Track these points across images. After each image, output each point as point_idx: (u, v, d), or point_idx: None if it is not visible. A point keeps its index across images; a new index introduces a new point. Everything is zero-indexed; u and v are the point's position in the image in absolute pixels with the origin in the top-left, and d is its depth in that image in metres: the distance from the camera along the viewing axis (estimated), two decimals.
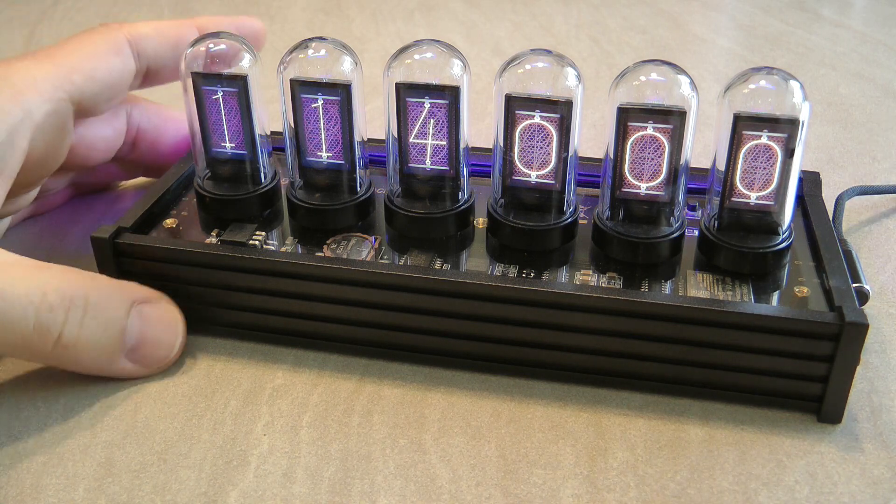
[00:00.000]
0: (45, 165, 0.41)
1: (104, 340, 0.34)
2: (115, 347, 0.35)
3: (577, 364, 0.35)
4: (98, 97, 0.41)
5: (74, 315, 0.33)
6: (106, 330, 0.34)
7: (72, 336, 0.33)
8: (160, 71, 0.44)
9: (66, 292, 0.33)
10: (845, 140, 0.57)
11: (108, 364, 0.35)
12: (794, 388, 0.33)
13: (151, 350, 0.36)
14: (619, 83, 0.36)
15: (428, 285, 0.35)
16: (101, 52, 0.41)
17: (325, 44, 0.38)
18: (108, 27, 0.42)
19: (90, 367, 0.35)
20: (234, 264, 0.36)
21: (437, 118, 0.37)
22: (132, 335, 0.35)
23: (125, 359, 0.35)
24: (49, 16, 0.84)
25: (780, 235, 0.36)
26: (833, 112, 0.62)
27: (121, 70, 0.41)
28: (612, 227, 0.37)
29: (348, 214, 0.40)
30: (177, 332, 0.37)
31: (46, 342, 0.33)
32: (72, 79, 0.39)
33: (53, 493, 0.31)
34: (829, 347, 0.32)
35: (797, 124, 0.34)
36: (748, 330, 0.32)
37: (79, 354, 0.34)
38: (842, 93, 0.65)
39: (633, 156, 0.36)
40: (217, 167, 0.41)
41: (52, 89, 0.38)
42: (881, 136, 0.58)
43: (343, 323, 0.37)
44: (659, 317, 0.33)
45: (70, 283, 0.33)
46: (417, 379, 0.36)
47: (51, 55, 0.40)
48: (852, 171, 0.53)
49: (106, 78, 0.41)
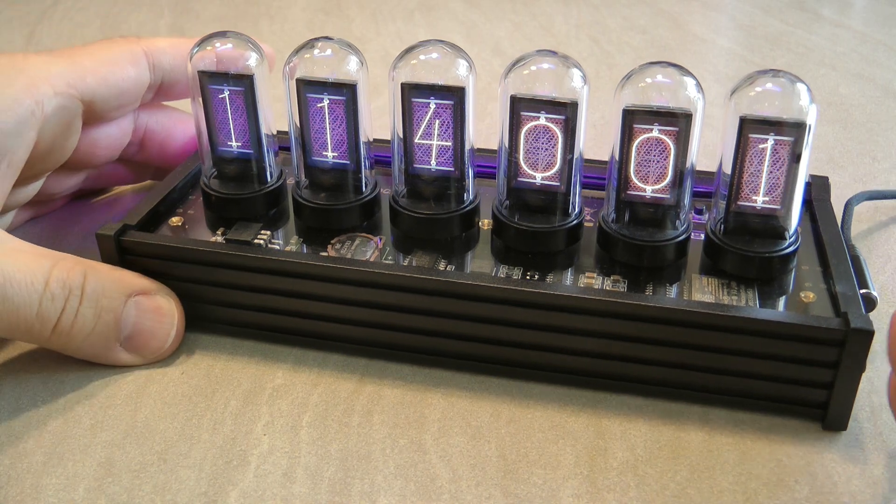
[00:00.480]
0: (49, 159, 0.41)
1: (99, 329, 0.35)
2: (109, 336, 0.35)
3: (580, 367, 0.35)
4: (109, 102, 0.41)
5: (71, 304, 0.34)
6: (101, 319, 0.35)
7: (67, 323, 0.34)
8: (174, 85, 0.44)
9: (65, 281, 0.34)
10: (845, 140, 0.57)
11: (103, 352, 0.36)
12: (798, 394, 0.33)
13: (146, 340, 0.36)
14: (624, 85, 0.35)
15: (429, 286, 0.35)
16: (118, 59, 0.42)
17: (331, 43, 0.38)
18: (127, 39, 0.43)
19: (86, 354, 0.36)
20: (237, 262, 0.36)
21: (442, 119, 0.37)
22: (127, 325, 0.36)
23: (121, 348, 0.36)
24: (49, 16, 0.84)
25: (787, 240, 0.36)
26: (833, 112, 0.62)
27: (134, 79, 0.42)
28: (616, 229, 0.37)
29: (353, 214, 0.40)
30: (172, 323, 0.37)
31: (46, 328, 0.34)
32: (85, 79, 0.40)
33: (53, 493, 0.31)
34: (833, 354, 0.32)
35: (804, 128, 0.34)
36: (752, 335, 0.32)
37: (74, 341, 0.35)
38: (842, 93, 0.65)
39: (638, 158, 0.36)
40: (223, 166, 0.41)
41: (65, 85, 0.39)
42: (881, 136, 0.58)
43: (345, 323, 0.36)
44: (662, 320, 0.33)
45: (69, 271, 0.34)
46: (417, 379, 0.36)
47: (68, 55, 0.41)
48: (852, 171, 0.53)
49: (119, 84, 0.41)
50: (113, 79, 0.41)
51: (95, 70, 0.40)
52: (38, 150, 0.39)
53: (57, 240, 0.45)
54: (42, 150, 0.40)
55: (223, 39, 0.39)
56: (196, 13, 0.85)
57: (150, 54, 0.43)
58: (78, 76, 0.40)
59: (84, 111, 0.41)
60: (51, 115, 0.39)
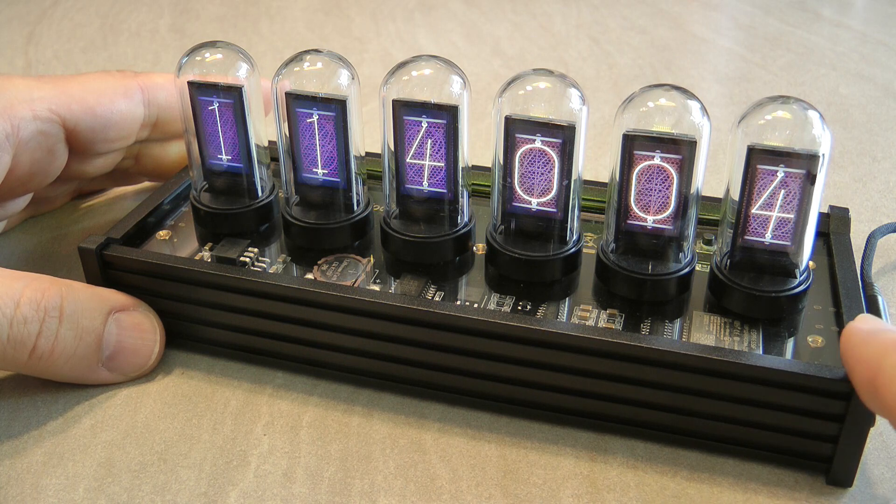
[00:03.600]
0: (31, 181, 0.40)
1: (81, 350, 0.34)
2: (91, 357, 0.34)
3: (567, 406, 0.33)
4: (96, 133, 0.40)
5: (49, 326, 0.32)
6: (82, 340, 0.34)
7: (47, 347, 0.33)
8: (171, 123, 0.43)
9: (40, 302, 0.32)
10: (845, 140, 0.57)
11: (85, 373, 0.34)
12: (801, 446, 0.31)
13: (129, 358, 0.35)
14: (625, 108, 0.33)
15: (406, 314, 0.33)
16: (108, 91, 0.40)
17: (321, 56, 0.37)
18: (123, 73, 0.42)
19: (67, 377, 0.35)
20: (216, 282, 0.35)
21: (434, 138, 0.36)
22: (109, 344, 0.35)
23: (103, 367, 0.35)
24: (49, 16, 0.84)
25: (797, 278, 0.33)
26: (833, 112, 0.62)
27: (125, 113, 0.41)
28: (615, 261, 0.35)
29: (343, 234, 0.38)
30: (154, 339, 0.36)
31: (21, 353, 0.32)
32: (70, 106, 0.39)
33: (53, 493, 0.31)
34: (839, 406, 0.29)
35: (817, 159, 0.31)
36: (749, 382, 0.30)
37: (55, 365, 0.33)
38: (842, 93, 0.65)
39: (639, 186, 0.33)
40: (213, 179, 0.40)
41: (46, 110, 0.38)
42: (881, 136, 0.58)
43: (327, 349, 0.35)
44: (651, 362, 0.31)
45: (44, 292, 0.33)
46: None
47: (56, 81, 0.40)
48: (852, 171, 0.53)
49: (107, 116, 0.40)
50: (100, 109, 0.40)
51: (83, 98, 0.39)
52: (18, 172, 0.39)
53: (57, 241, 0.45)
54: (22, 174, 0.39)
55: (213, 49, 0.38)
56: (196, 13, 0.85)
57: (146, 90, 0.42)
58: (62, 102, 0.39)
59: (68, 138, 0.40)
60: (28, 139, 0.38)
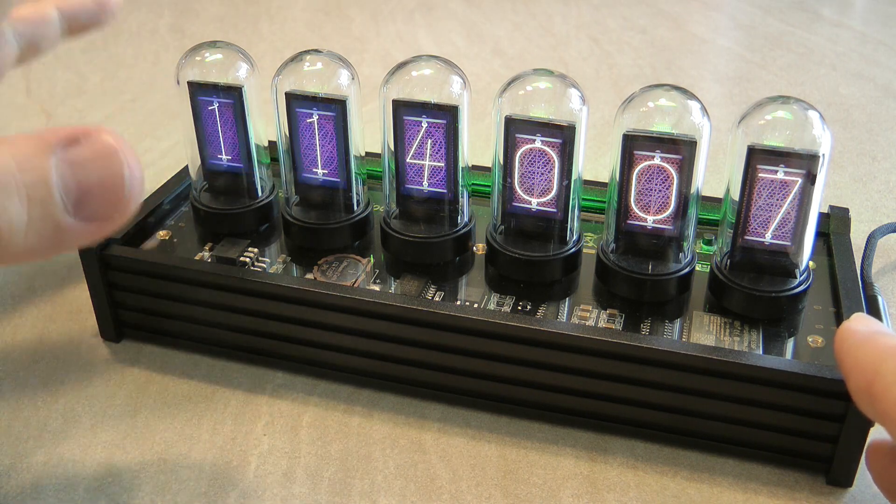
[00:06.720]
0: None
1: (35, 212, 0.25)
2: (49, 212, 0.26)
3: (567, 406, 0.33)
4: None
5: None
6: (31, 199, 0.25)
7: None
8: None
9: None
10: (845, 140, 0.57)
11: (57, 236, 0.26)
12: (801, 446, 0.31)
13: (100, 196, 0.27)
14: (625, 108, 0.33)
15: (406, 315, 0.33)
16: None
17: (321, 56, 0.37)
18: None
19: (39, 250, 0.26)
20: (216, 282, 0.35)
21: (434, 139, 0.35)
22: (66, 188, 0.26)
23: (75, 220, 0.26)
24: None
25: (797, 278, 0.33)
26: (833, 112, 0.62)
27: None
28: (615, 261, 0.35)
29: (343, 235, 0.38)
30: (121, 162, 0.27)
31: None
32: None
33: (53, 493, 0.31)
34: (839, 407, 0.29)
35: (817, 159, 0.31)
36: (748, 382, 0.30)
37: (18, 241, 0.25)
38: (842, 93, 0.65)
39: (639, 187, 0.33)
40: (213, 179, 0.40)
41: None
42: (881, 136, 0.58)
43: (327, 349, 0.35)
44: (651, 362, 0.31)
45: None
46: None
47: None
48: (852, 171, 0.53)
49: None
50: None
51: None
52: None
53: None
54: None
55: (213, 49, 0.38)
56: (196, 13, 0.85)
57: None
58: None
59: None
60: None
